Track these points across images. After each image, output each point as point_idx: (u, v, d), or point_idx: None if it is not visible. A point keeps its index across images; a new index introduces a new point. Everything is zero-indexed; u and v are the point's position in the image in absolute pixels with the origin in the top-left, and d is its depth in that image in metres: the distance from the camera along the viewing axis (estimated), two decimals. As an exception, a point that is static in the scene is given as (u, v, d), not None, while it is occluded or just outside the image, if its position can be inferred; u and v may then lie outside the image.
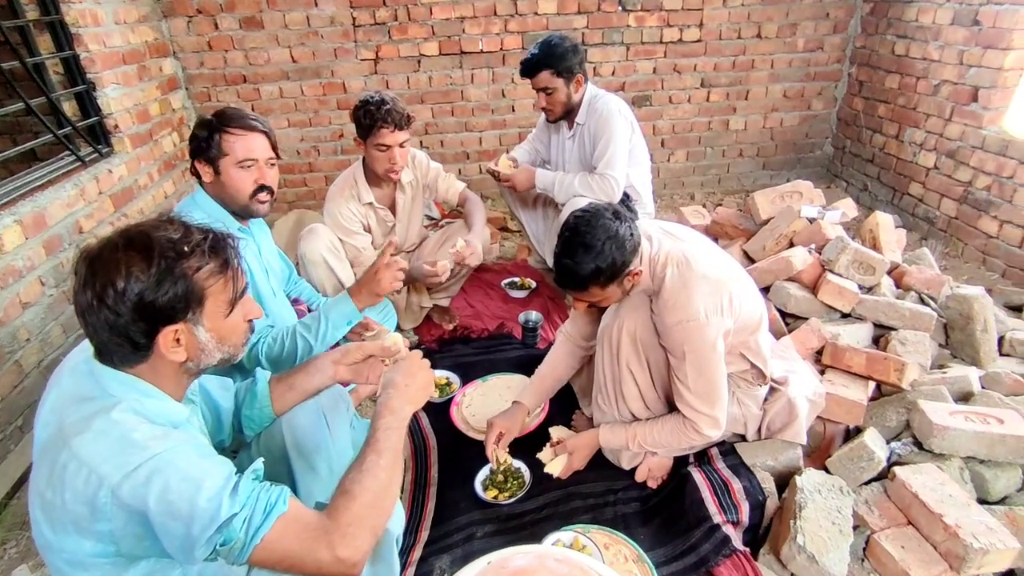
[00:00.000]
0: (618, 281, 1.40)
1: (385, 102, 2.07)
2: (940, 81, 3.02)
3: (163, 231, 0.91)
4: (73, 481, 0.83)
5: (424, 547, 1.56)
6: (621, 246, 1.36)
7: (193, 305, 0.92)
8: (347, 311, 1.62)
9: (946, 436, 1.53)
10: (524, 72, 2.36)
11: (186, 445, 0.88)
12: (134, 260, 0.87)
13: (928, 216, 3.17)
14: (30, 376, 2.02)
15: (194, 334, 0.94)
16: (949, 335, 2.08)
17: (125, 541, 0.86)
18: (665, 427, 1.56)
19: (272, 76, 3.44)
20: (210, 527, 0.83)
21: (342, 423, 1.44)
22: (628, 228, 1.39)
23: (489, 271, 2.90)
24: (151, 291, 0.87)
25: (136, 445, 0.84)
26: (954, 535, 1.33)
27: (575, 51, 2.32)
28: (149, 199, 2.89)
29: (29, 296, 2.04)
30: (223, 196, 1.59)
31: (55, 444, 0.86)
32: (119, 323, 0.87)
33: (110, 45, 2.69)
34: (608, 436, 1.65)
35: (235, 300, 0.98)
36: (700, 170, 4.02)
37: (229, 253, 0.96)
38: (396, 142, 2.12)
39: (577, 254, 1.37)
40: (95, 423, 0.85)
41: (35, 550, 1.66)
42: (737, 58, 3.69)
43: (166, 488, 0.82)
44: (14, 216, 2.01)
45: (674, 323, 1.42)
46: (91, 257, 0.88)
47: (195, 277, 0.91)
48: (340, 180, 2.31)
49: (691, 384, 1.47)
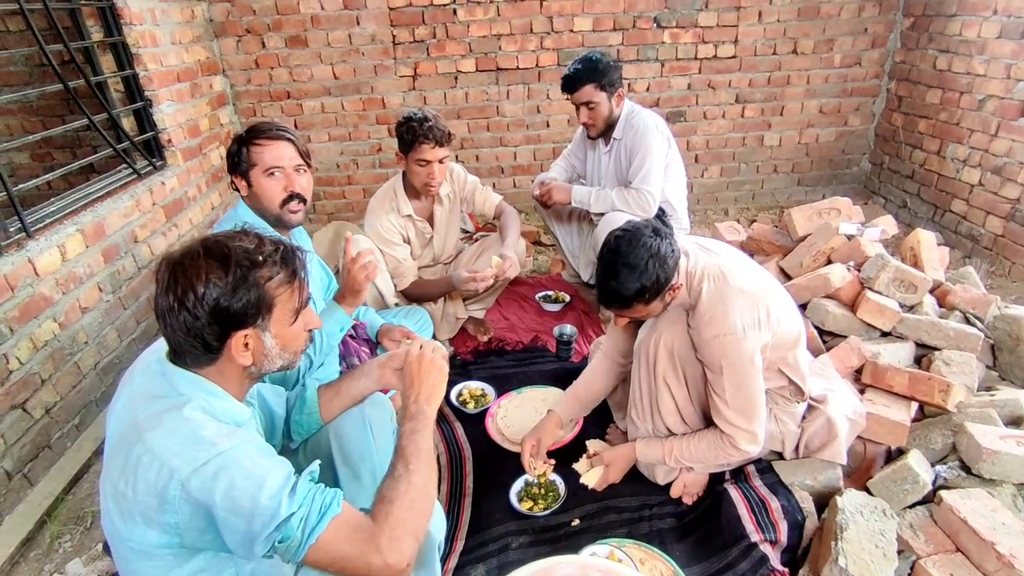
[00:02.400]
0: (661, 297, 1.42)
1: (427, 119, 2.13)
2: (985, 96, 2.96)
3: (239, 241, 0.97)
4: (146, 473, 0.88)
5: (460, 556, 1.58)
6: (663, 263, 1.37)
7: (263, 312, 0.97)
8: (339, 318, 1.65)
9: (997, 461, 1.49)
10: (566, 87, 2.40)
11: (249, 443, 0.93)
12: (213, 268, 0.92)
13: (972, 234, 3.09)
14: (87, 377, 2.12)
15: (261, 340, 0.99)
16: (997, 356, 2.02)
17: (189, 533, 0.90)
18: (702, 442, 1.56)
19: (315, 92, 3.56)
20: (270, 524, 0.87)
21: (386, 432, 1.47)
22: (669, 244, 1.40)
23: (523, 284, 2.93)
24: (227, 297, 0.92)
25: (205, 441, 0.89)
26: (1009, 565, 1.29)
27: (616, 66, 2.36)
28: (197, 210, 3.01)
29: (88, 301, 2.15)
30: (259, 208, 1.65)
31: (129, 438, 0.91)
32: (196, 325, 0.92)
33: (167, 64, 2.84)
34: (645, 450, 1.65)
35: (300, 309, 1.03)
36: (734, 186, 4.00)
37: (297, 265, 1.02)
38: (436, 158, 2.17)
39: (621, 275, 1.38)
40: (167, 419, 0.91)
41: (88, 544, 1.74)
42: (772, 74, 3.67)
43: (231, 485, 0.87)
44: (77, 226, 2.13)
45: (711, 337, 1.42)
46: (173, 264, 0.94)
47: (267, 286, 0.96)
48: (381, 193, 2.38)
49: (729, 399, 1.46)
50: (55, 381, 1.97)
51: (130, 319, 2.39)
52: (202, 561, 0.97)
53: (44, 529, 1.78)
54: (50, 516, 1.81)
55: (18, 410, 1.82)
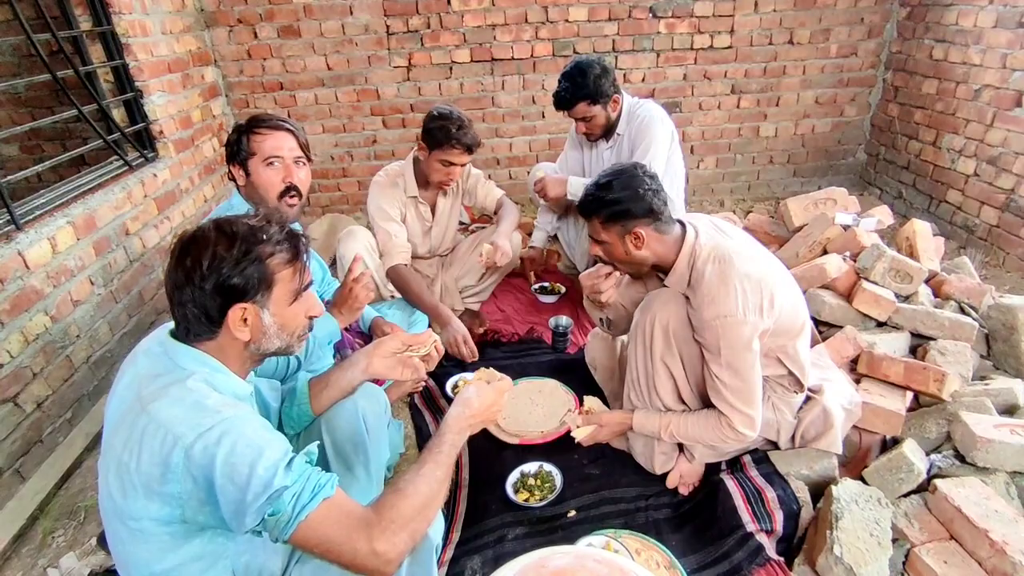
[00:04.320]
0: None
1: (464, 124, 2.14)
2: (981, 86, 2.95)
3: (248, 220, 1.02)
4: (151, 442, 0.89)
5: (456, 547, 1.57)
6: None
7: (263, 287, 1.00)
8: (331, 329, 1.66)
9: (991, 449, 1.50)
10: (559, 106, 2.36)
11: (251, 415, 0.95)
12: (220, 242, 0.97)
13: (967, 224, 3.09)
14: (79, 371, 2.10)
15: (260, 316, 1.01)
16: (991, 346, 2.02)
17: (190, 505, 0.91)
18: (699, 420, 1.55)
19: (308, 83, 3.53)
20: (263, 495, 0.88)
21: (380, 426, 1.46)
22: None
23: (519, 276, 2.92)
24: (229, 268, 0.96)
25: (209, 409, 0.91)
26: (1001, 552, 1.30)
27: (605, 73, 2.28)
28: (190, 203, 2.98)
29: (79, 294, 2.12)
30: (255, 198, 1.63)
31: (133, 411, 0.93)
32: (200, 297, 0.96)
33: (157, 54, 2.79)
34: (642, 420, 1.65)
35: (300, 291, 1.06)
36: (730, 177, 3.99)
37: (300, 247, 1.06)
38: (461, 162, 2.21)
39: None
40: (171, 391, 0.92)
41: (82, 539, 1.72)
42: (768, 64, 3.65)
43: (232, 451, 0.88)
44: (67, 218, 2.10)
45: (711, 318, 1.42)
46: (186, 241, 0.99)
47: (268, 262, 1.00)
48: (390, 169, 2.38)
49: (727, 380, 1.46)
50: (47, 375, 1.95)
51: (122, 313, 2.37)
52: (198, 547, 0.97)
53: (36, 525, 1.77)
54: (42, 511, 1.80)
55: (9, 404, 1.80)
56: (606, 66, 2.30)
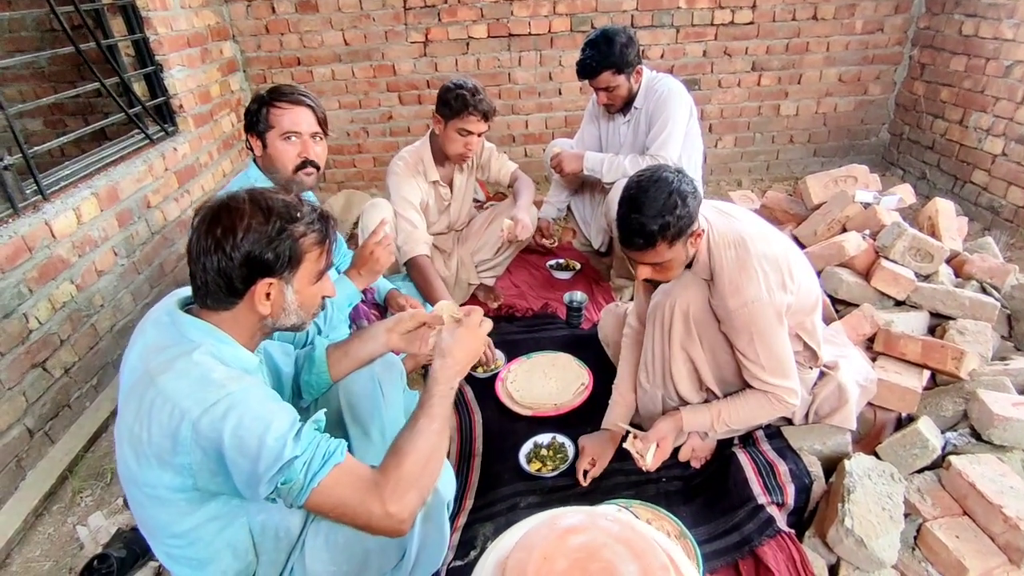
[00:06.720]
0: (683, 240, 1.38)
1: (478, 91, 2.14)
2: (1013, 62, 2.86)
3: (282, 196, 1.02)
4: (159, 416, 0.91)
5: (469, 514, 1.61)
6: (685, 200, 1.35)
7: (292, 265, 1.01)
8: (349, 292, 1.67)
9: (1008, 427, 1.49)
10: (583, 75, 2.32)
11: (257, 388, 0.96)
12: (256, 214, 0.98)
13: (992, 205, 3.02)
14: (104, 339, 2.16)
15: (283, 293, 1.03)
16: (1013, 327, 2.00)
17: (201, 475, 0.93)
18: (749, 402, 1.54)
19: (325, 59, 3.52)
20: (274, 466, 0.90)
21: (395, 391, 1.49)
22: (690, 184, 1.38)
23: (534, 252, 2.92)
24: (262, 243, 0.97)
25: (214, 383, 0.92)
26: (1015, 527, 1.29)
27: (631, 42, 2.26)
28: (209, 177, 3.02)
29: (103, 264, 2.17)
30: (271, 169, 1.66)
31: (142, 383, 0.94)
32: (228, 266, 0.96)
33: (176, 28, 2.81)
34: (692, 418, 1.59)
35: (323, 272, 1.08)
36: (748, 156, 3.93)
37: (329, 230, 1.07)
38: (479, 131, 2.19)
39: (644, 207, 1.34)
40: (178, 364, 0.93)
41: (109, 499, 1.79)
42: (791, 41, 3.57)
43: (239, 424, 0.89)
44: (91, 189, 2.14)
45: (738, 306, 1.41)
46: (218, 207, 0.99)
47: (301, 241, 1.01)
48: (408, 155, 2.34)
49: (764, 362, 1.46)
50: (73, 342, 2.01)
51: (144, 284, 2.41)
52: (214, 509, 1.00)
53: (66, 484, 1.84)
54: (71, 472, 1.86)
55: (39, 369, 1.86)
56: (631, 35, 2.28)
